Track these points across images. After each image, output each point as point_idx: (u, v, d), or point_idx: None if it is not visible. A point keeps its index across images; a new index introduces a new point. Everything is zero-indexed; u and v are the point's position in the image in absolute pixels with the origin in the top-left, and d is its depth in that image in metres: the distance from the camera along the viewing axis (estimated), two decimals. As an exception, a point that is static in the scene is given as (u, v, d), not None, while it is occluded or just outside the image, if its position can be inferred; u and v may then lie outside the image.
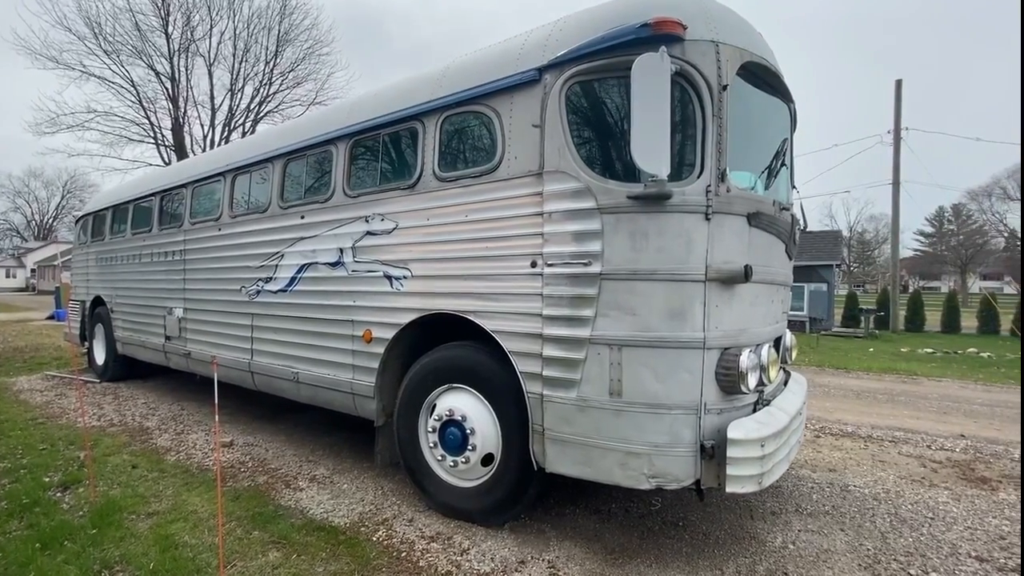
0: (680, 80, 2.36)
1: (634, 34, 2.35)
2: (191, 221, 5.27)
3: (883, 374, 9.00)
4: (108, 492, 3.39)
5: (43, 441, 4.45)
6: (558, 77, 2.60)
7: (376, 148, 3.53)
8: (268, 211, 4.26)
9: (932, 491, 3.66)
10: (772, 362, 2.71)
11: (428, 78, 3.28)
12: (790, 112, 3.12)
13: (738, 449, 2.30)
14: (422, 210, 3.14)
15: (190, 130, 22.43)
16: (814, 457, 4.33)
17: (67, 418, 5.21)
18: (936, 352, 12.57)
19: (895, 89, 18.48)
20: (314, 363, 3.83)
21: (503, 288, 2.78)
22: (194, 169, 5.43)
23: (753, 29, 2.73)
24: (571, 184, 2.53)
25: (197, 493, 3.40)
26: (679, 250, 2.35)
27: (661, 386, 2.37)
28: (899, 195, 18.64)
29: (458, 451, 2.95)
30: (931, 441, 4.89)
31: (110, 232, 6.94)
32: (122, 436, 4.64)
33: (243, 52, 22.41)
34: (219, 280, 4.82)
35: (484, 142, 2.95)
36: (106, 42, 20.23)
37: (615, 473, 2.44)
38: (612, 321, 2.43)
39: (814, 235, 20.22)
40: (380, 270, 3.36)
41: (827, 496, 3.51)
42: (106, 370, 7.09)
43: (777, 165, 2.98)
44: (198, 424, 5.04)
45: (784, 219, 2.87)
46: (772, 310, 2.89)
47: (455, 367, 3.04)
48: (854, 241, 51.80)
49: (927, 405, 6.56)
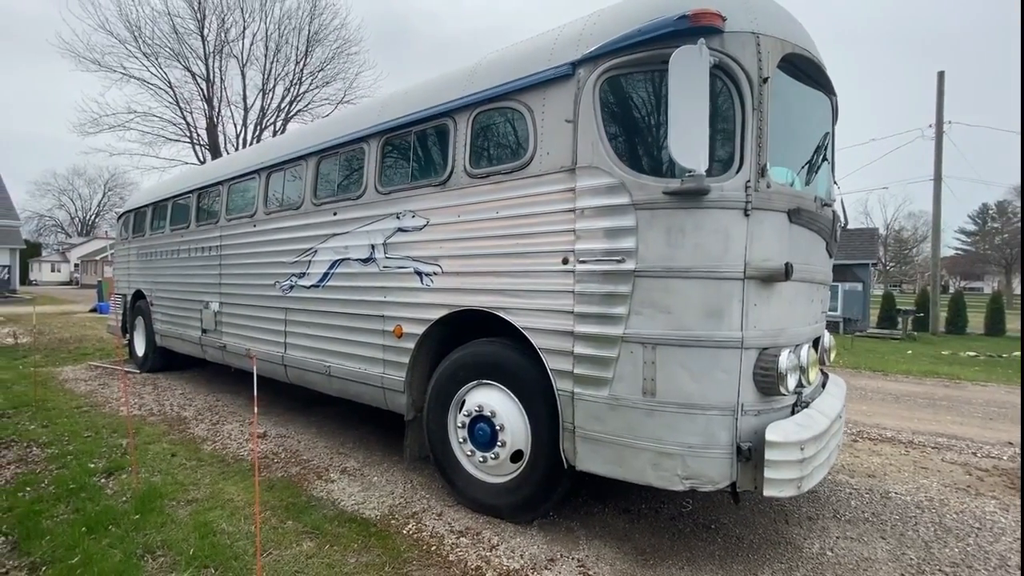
0: (719, 73, 2.30)
1: (672, 26, 2.30)
2: (227, 217, 5.41)
3: (924, 377, 8.66)
4: (149, 479, 3.52)
5: (88, 428, 4.65)
6: (592, 71, 2.57)
7: (407, 145, 3.55)
8: (302, 208, 4.34)
9: (978, 500, 3.50)
10: (812, 363, 2.63)
11: (459, 75, 3.28)
12: (832, 105, 3.02)
13: (777, 452, 2.24)
14: (453, 207, 3.15)
15: (223, 129, 23.10)
16: (852, 462, 4.19)
17: (109, 407, 5.43)
18: (980, 355, 12.03)
19: (937, 81, 17.71)
20: (346, 357, 3.90)
21: (534, 285, 2.77)
22: (230, 167, 5.58)
23: (795, 19, 2.64)
24: (605, 180, 2.49)
25: (233, 482, 3.50)
26: (716, 247, 2.30)
27: (696, 386, 2.33)
28: (941, 191, 17.89)
29: (487, 447, 2.95)
30: (976, 448, 4.68)
31: (150, 228, 7.18)
32: (161, 425, 4.80)
33: (274, 52, 22.97)
34: (254, 275, 4.94)
35: (516, 138, 2.93)
36: (145, 45, 21.02)
37: (647, 473, 2.41)
38: (646, 319, 2.39)
39: (849, 233, 19.56)
40: (411, 266, 3.39)
41: (866, 502, 3.39)
42: (145, 361, 7.36)
43: (818, 160, 2.88)
44: (232, 415, 5.18)
45: (825, 216, 2.78)
46: (812, 309, 2.80)
47: (485, 363, 3.05)
48: (891, 239, 49.91)
49: (971, 410, 6.28)
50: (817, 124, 2.93)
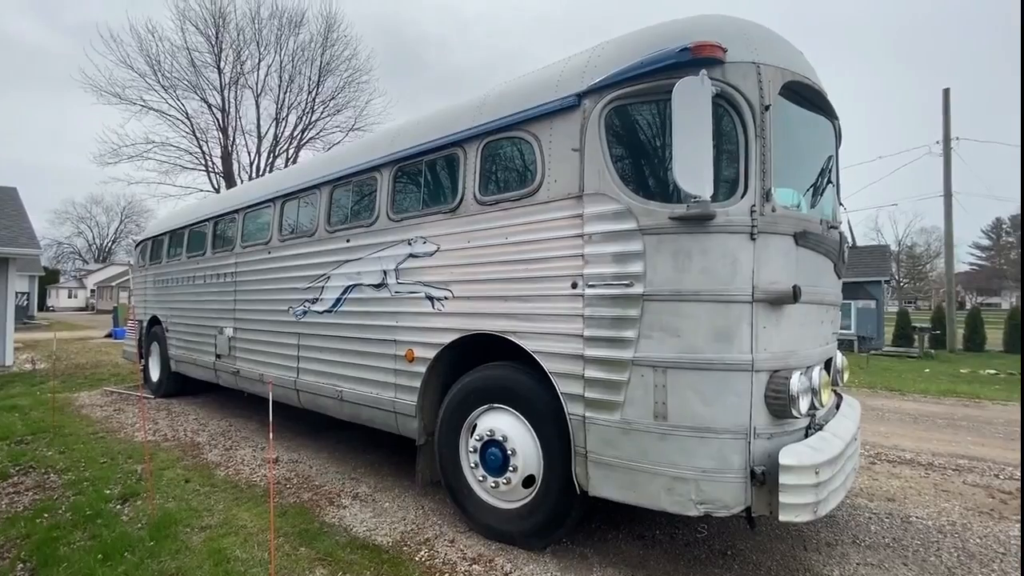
0: (721, 102, 2.37)
1: (674, 58, 2.38)
2: (242, 245, 5.54)
3: (942, 397, 8.48)
4: (164, 505, 3.54)
5: (104, 455, 4.70)
6: (597, 102, 2.64)
7: (418, 174, 3.65)
8: (315, 235, 4.45)
9: (1002, 524, 3.41)
10: (824, 384, 2.62)
11: (468, 106, 3.38)
12: (835, 128, 3.07)
13: (791, 476, 2.22)
14: (463, 233, 3.22)
15: (238, 157, 23.68)
16: (870, 485, 4.11)
17: (124, 432, 5.49)
18: (1000, 373, 11.76)
19: (943, 99, 17.77)
20: (357, 382, 3.93)
21: (543, 309, 2.80)
22: (245, 196, 5.73)
23: (794, 48, 2.72)
24: (611, 206, 2.55)
25: (246, 508, 3.51)
26: (724, 271, 2.33)
27: (708, 409, 2.33)
28: (951, 207, 17.77)
29: (499, 472, 2.95)
30: (999, 470, 4.57)
31: (167, 256, 7.35)
32: (175, 451, 4.84)
33: (288, 83, 23.65)
34: (268, 301, 5.03)
35: (524, 166, 3.01)
36: (164, 78, 21.75)
37: (661, 498, 2.40)
38: (656, 343, 2.41)
39: (860, 250, 19.41)
40: (422, 291, 3.44)
41: (887, 527, 3.32)
42: (160, 386, 7.44)
43: (823, 182, 2.92)
44: (245, 440, 5.22)
45: (832, 237, 2.80)
46: (822, 331, 2.80)
47: (496, 387, 3.06)
48: (903, 256, 49.41)
49: (992, 431, 6.13)
50: (820, 148, 2.97)
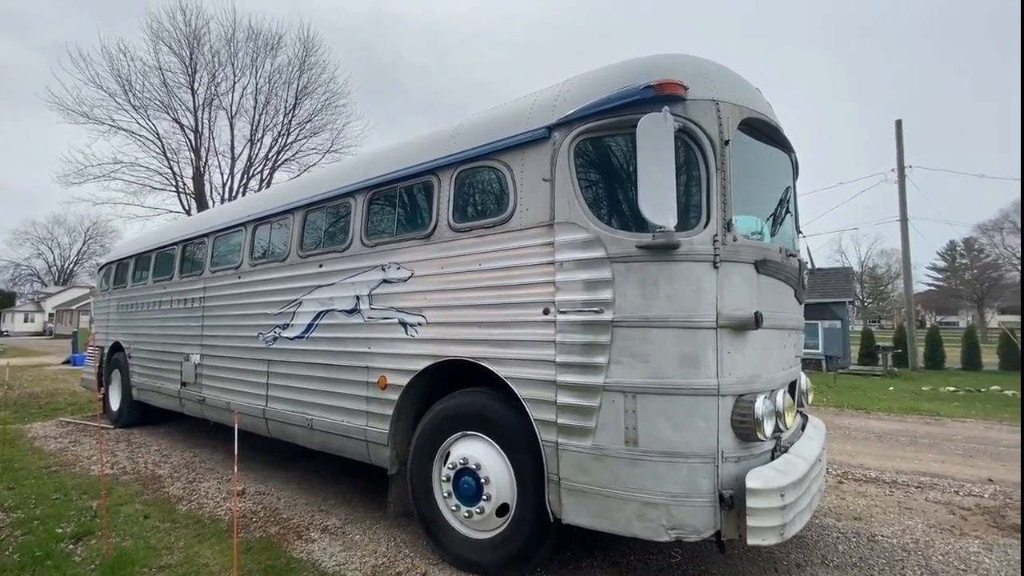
0: (684, 136, 2.48)
1: (638, 95, 2.49)
2: (211, 269, 5.43)
3: (905, 415, 8.76)
4: (120, 544, 3.37)
5: (57, 490, 4.46)
6: (567, 134, 2.73)
7: (393, 200, 3.67)
8: (287, 260, 4.40)
9: (963, 540, 3.52)
10: (788, 407, 2.70)
11: (442, 135, 3.45)
12: (791, 161, 3.23)
13: (757, 499, 2.26)
14: (437, 259, 3.24)
15: (210, 178, 23.30)
16: (838, 504, 4.20)
17: (80, 466, 5.23)
18: (959, 390, 12.23)
19: (896, 129, 18.82)
20: (328, 410, 3.86)
21: (516, 335, 2.83)
22: (216, 219, 5.65)
23: (751, 86, 2.87)
24: (581, 234, 2.61)
25: (208, 545, 3.37)
26: (689, 298, 2.40)
27: (677, 434, 2.37)
28: (908, 231, 18.65)
29: (472, 501, 2.92)
30: (959, 486, 4.72)
31: (132, 279, 7.14)
32: (134, 485, 4.63)
33: (263, 105, 23.54)
34: (237, 327, 4.92)
35: (496, 195, 3.07)
36: (135, 98, 21.38)
37: (633, 524, 2.41)
38: (626, 368, 2.46)
39: (825, 272, 20.15)
40: (396, 317, 3.43)
41: (854, 547, 3.39)
42: (120, 416, 7.13)
43: (782, 212, 3.05)
44: (210, 472, 5.02)
45: (791, 265, 2.92)
46: (785, 355, 2.90)
47: (469, 414, 3.05)
48: (866, 277, 51.30)
49: (952, 448, 6.36)
50: (778, 179, 3.12)
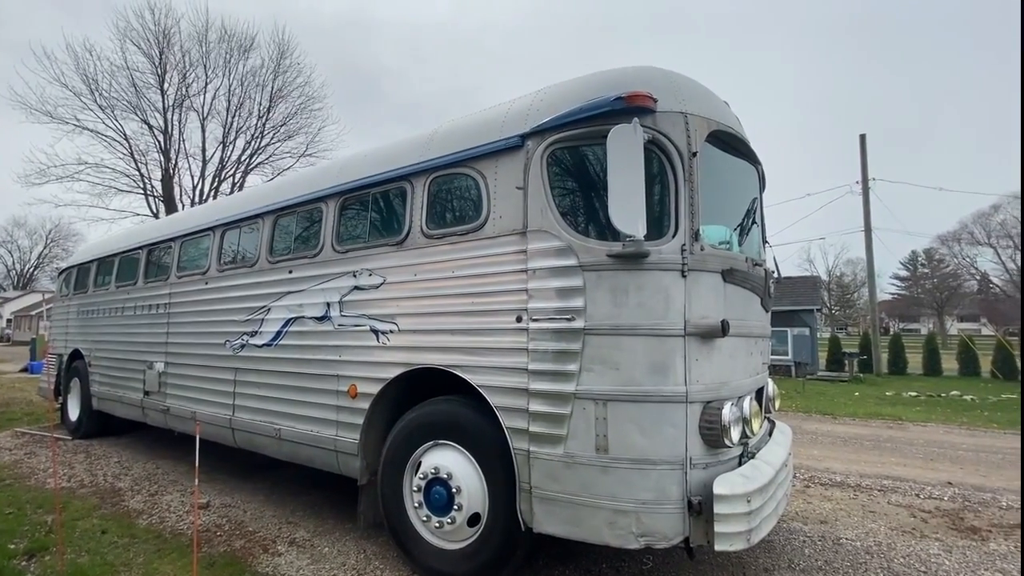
0: (653, 147, 2.52)
1: (609, 106, 2.53)
2: (178, 274, 5.28)
3: (869, 419, 9.03)
4: (76, 560, 3.23)
5: (10, 504, 4.24)
6: (540, 143, 2.75)
7: (366, 206, 3.63)
8: (256, 265, 4.30)
9: (923, 543, 3.63)
10: (755, 414, 2.75)
11: (417, 141, 3.43)
12: (758, 173, 3.31)
13: (724, 505, 2.30)
14: (410, 266, 3.21)
15: (180, 181, 22.65)
16: (805, 508, 4.29)
17: (36, 479, 4.99)
18: (920, 396, 12.68)
19: (860, 143, 19.54)
20: (297, 419, 3.77)
21: (489, 343, 2.82)
22: (184, 223, 5.49)
23: (719, 100, 2.94)
24: (554, 243, 2.63)
25: (169, 560, 3.25)
26: (658, 306, 2.44)
27: (646, 441, 2.39)
28: (872, 241, 19.34)
29: (444, 511, 2.89)
30: (919, 489, 4.88)
31: (94, 285, 6.88)
32: (92, 498, 4.44)
33: (236, 107, 23.03)
34: (203, 334, 4.79)
35: (470, 202, 3.06)
36: (102, 98, 20.64)
37: (603, 532, 2.41)
38: (596, 376, 2.47)
39: (794, 280, 20.71)
40: (367, 324, 3.39)
41: (819, 550, 3.46)
42: (79, 426, 6.84)
43: (749, 223, 3.13)
44: (173, 484, 4.85)
45: (758, 274, 2.99)
46: (752, 362, 2.96)
47: (441, 422, 3.02)
48: (833, 285, 52.89)
49: (913, 451, 6.57)
50: (746, 190, 3.20)
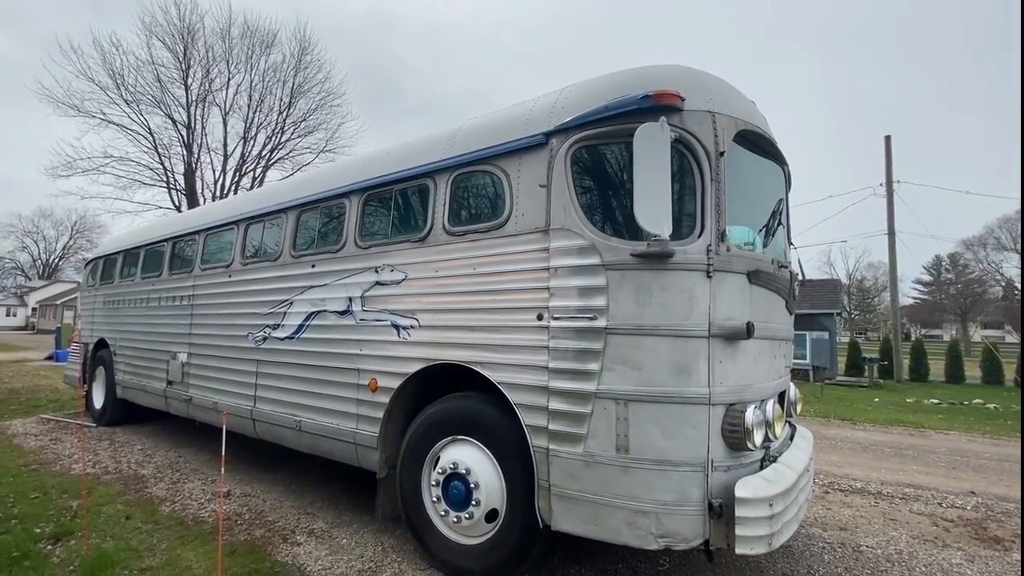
0: (679, 147, 2.50)
1: (636, 104, 2.51)
2: (202, 267, 5.37)
3: (890, 426, 8.86)
4: (100, 545, 3.31)
5: (36, 489, 4.37)
6: (564, 141, 2.75)
7: (388, 202, 3.66)
8: (279, 259, 4.37)
9: (945, 552, 3.56)
10: (777, 417, 2.72)
11: (439, 138, 3.45)
12: (784, 174, 3.27)
13: (746, 508, 2.27)
14: (431, 262, 3.23)
15: (201, 175, 23.07)
16: (824, 515, 4.23)
17: (61, 464, 5.13)
18: (942, 403, 12.40)
19: (885, 145, 19.14)
20: (318, 411, 3.82)
21: (509, 340, 2.82)
22: (208, 216, 5.59)
23: (747, 99, 2.91)
24: (576, 241, 2.62)
25: (192, 547, 3.32)
26: (682, 306, 2.42)
27: (668, 442, 2.38)
28: (895, 244, 18.94)
29: (462, 506, 2.90)
30: (942, 498, 4.78)
31: (119, 276, 7.04)
32: (117, 484, 4.55)
33: (258, 103, 23.38)
34: (226, 326, 4.87)
35: (493, 199, 3.07)
36: (127, 92, 21.12)
37: (623, 532, 2.41)
38: (618, 375, 2.46)
39: (814, 283, 20.38)
40: (388, 319, 3.42)
41: (839, 557, 3.41)
42: (103, 414, 7.01)
43: (774, 224, 3.09)
44: (195, 472, 4.95)
45: (783, 276, 2.95)
46: (775, 365, 2.92)
47: (461, 418, 3.04)
48: (854, 289, 51.94)
49: (936, 460, 6.44)
50: (772, 191, 3.16)
